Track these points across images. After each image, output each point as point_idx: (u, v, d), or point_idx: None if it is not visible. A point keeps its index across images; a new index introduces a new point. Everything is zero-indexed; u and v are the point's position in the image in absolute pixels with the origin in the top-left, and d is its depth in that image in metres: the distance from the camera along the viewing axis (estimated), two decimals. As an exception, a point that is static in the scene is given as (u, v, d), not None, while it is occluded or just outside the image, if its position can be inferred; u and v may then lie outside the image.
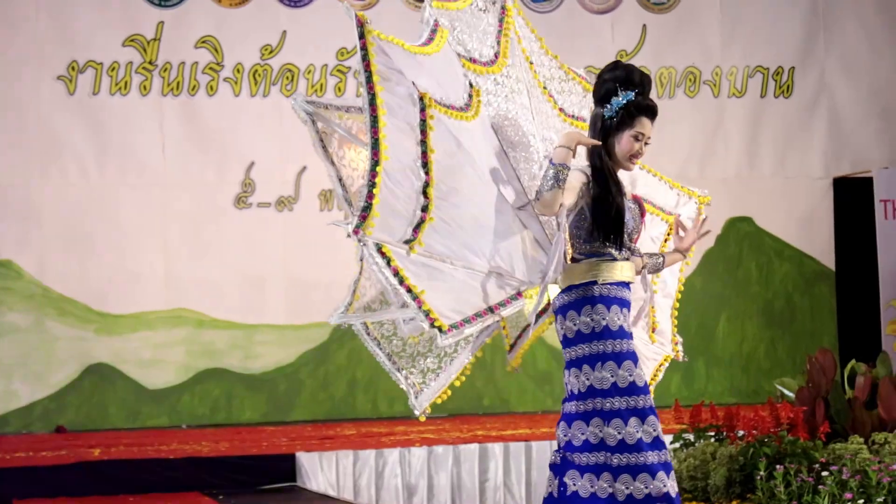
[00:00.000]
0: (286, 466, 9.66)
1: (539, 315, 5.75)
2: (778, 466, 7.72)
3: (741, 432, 8.38)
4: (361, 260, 5.70)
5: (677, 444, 8.71)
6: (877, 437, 8.00)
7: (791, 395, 8.68)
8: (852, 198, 14.20)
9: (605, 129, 5.48)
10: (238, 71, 13.23)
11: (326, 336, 13.29)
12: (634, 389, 5.41)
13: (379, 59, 5.18)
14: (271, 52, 13.32)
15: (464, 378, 5.91)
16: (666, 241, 6.18)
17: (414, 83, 5.19)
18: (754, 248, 14.20)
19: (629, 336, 5.49)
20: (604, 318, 5.43)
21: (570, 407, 5.56)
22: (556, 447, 5.64)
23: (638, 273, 5.72)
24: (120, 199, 12.88)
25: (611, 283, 5.46)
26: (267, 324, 13.25)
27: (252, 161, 13.26)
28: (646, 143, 5.54)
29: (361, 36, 5.22)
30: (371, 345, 5.93)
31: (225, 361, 13.08)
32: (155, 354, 12.89)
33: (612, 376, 5.41)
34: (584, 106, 6.07)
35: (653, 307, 6.15)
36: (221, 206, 13.17)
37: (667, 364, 6.40)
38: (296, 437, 10.95)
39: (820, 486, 7.41)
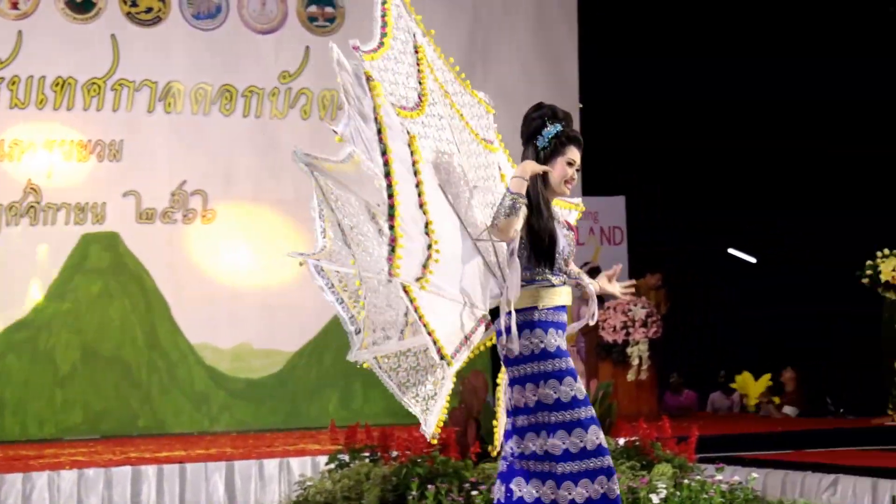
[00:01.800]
0: (-74, 492, 9.25)
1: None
2: (430, 486, 7.87)
3: (395, 453, 8.49)
4: (364, 298, 5.97)
5: (332, 465, 8.76)
6: (525, 457, 8.21)
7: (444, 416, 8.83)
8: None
9: (540, 161, 5.87)
10: None
11: (-27, 356, 12.84)
12: (576, 403, 5.72)
13: (384, 110, 5.46)
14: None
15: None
16: None
17: (408, 131, 5.55)
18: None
19: (566, 354, 5.82)
20: (542, 341, 5.76)
21: (521, 420, 5.83)
22: (503, 456, 5.96)
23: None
24: None
25: (549, 308, 5.82)
26: None
27: None
28: (577, 170, 5.95)
29: (371, 87, 5.48)
30: (384, 377, 6.12)
31: None
32: None
33: (554, 393, 5.72)
34: (490, 128, 6.41)
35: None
36: None
37: None
38: (-63, 460, 10.50)
39: (470, 505, 7.59)
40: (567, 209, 6.45)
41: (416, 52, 6.05)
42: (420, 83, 5.95)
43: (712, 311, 17.52)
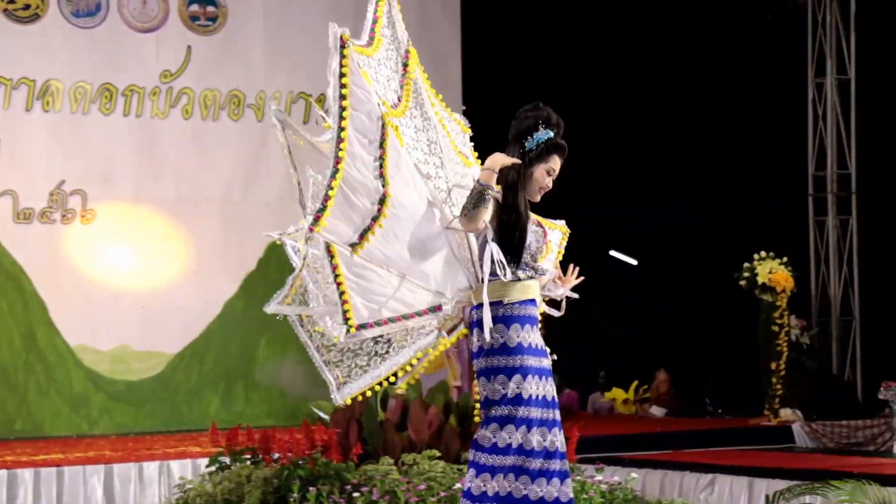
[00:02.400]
0: None
1: (451, 330, 6.17)
2: (311, 488, 7.85)
3: (276, 455, 8.46)
4: (304, 259, 6.06)
5: (213, 468, 8.70)
6: (406, 458, 8.24)
7: (326, 417, 8.83)
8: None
9: (523, 161, 5.87)
10: None
11: None
12: (520, 401, 5.72)
13: (352, 77, 5.72)
14: None
15: (401, 373, 6.18)
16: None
17: (379, 104, 5.73)
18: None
19: (526, 351, 5.81)
20: (503, 336, 5.79)
21: (481, 413, 5.89)
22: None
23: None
24: None
25: (516, 303, 5.83)
26: None
27: None
28: (553, 180, 5.99)
29: (343, 55, 5.74)
30: (303, 336, 6.27)
31: None
32: None
33: (502, 388, 5.74)
34: (466, 145, 6.43)
35: None
36: None
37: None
38: None
39: (351, 507, 7.58)
40: (551, 228, 6.49)
41: (407, 57, 6.21)
42: (402, 87, 6.10)
43: (593, 312, 17.68)
